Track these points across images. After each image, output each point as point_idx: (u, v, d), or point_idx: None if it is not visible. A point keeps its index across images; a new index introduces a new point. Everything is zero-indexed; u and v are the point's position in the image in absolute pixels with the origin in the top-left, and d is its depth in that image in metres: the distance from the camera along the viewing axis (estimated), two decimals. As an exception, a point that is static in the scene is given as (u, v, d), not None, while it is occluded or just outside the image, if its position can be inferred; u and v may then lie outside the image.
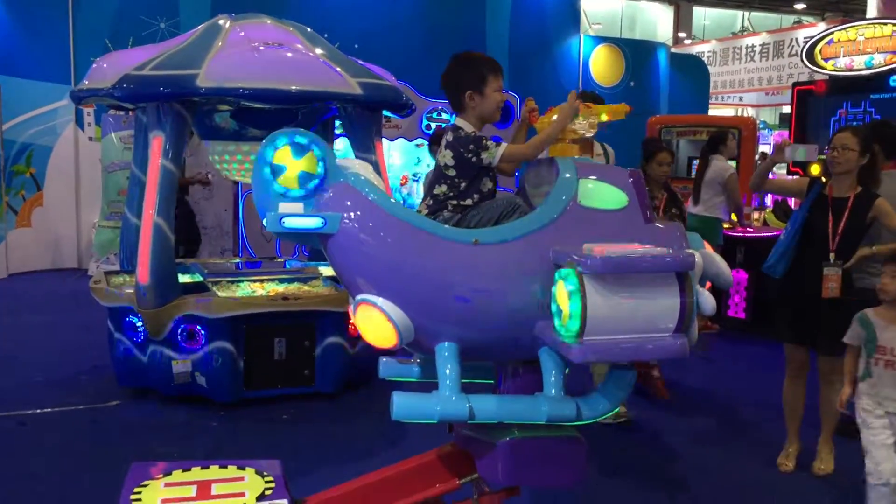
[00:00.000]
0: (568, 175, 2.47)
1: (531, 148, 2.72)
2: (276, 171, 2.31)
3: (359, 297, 2.36)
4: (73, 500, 3.87)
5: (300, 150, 2.32)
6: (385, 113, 5.84)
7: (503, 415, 2.38)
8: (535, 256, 2.31)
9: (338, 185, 2.36)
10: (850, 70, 8.58)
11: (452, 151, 2.72)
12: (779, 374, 4.56)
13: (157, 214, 4.89)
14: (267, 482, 2.78)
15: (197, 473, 2.86)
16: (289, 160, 2.31)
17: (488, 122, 2.80)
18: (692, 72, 15.79)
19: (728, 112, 23.41)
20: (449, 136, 2.76)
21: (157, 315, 4.90)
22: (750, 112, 23.96)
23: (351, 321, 2.49)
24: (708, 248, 2.47)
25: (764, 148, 14.83)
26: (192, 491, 2.71)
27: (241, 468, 2.90)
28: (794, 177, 7.23)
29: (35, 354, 6.36)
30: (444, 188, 2.72)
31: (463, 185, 2.72)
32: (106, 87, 5.03)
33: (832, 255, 4.14)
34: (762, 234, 7.52)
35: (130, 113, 9.69)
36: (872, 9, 9.60)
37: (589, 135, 2.74)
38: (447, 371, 2.34)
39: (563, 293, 2.17)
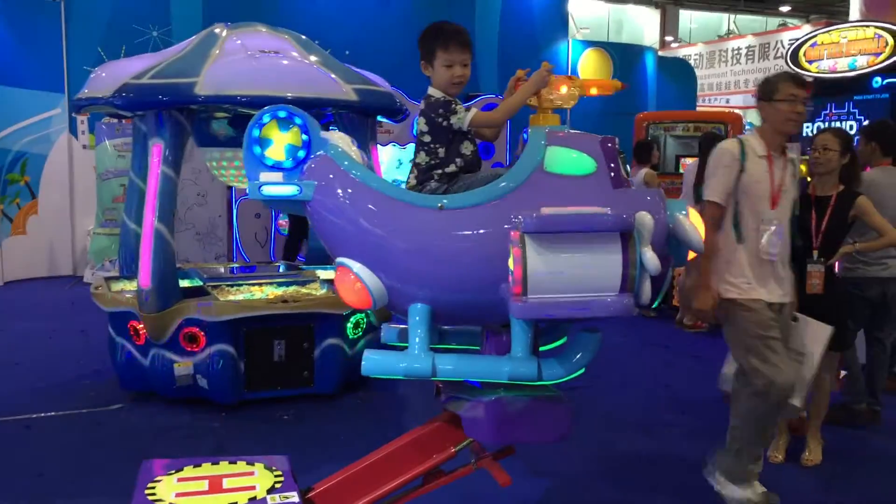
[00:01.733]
0: (536, 142, 2.53)
1: (499, 113, 2.77)
2: (264, 144, 2.49)
3: (337, 260, 2.51)
4: (83, 500, 3.95)
5: (285, 124, 2.51)
6: (378, 118, 5.95)
7: (465, 373, 2.51)
8: (499, 222, 2.37)
9: (318, 156, 2.52)
10: (834, 72, 8.73)
11: (425, 118, 2.78)
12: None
13: (157, 220, 4.98)
14: (276, 476, 2.88)
15: (207, 469, 2.95)
16: (276, 134, 2.50)
17: (450, 95, 2.79)
18: (679, 74, 15.96)
19: (715, 114, 23.61)
20: (422, 104, 2.84)
21: (159, 319, 4.99)
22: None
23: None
24: (693, 215, 2.51)
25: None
26: (204, 485, 2.80)
27: (251, 464, 3.00)
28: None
29: (36, 360, 6.43)
30: (423, 156, 2.78)
31: (441, 150, 2.76)
32: (105, 95, 5.10)
33: (815, 253, 4.26)
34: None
35: (125, 121, 9.82)
36: (855, 11, 9.75)
37: (567, 106, 2.74)
38: (417, 331, 2.47)
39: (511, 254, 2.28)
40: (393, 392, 5.71)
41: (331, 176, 2.50)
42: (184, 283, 5.56)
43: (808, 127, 8.63)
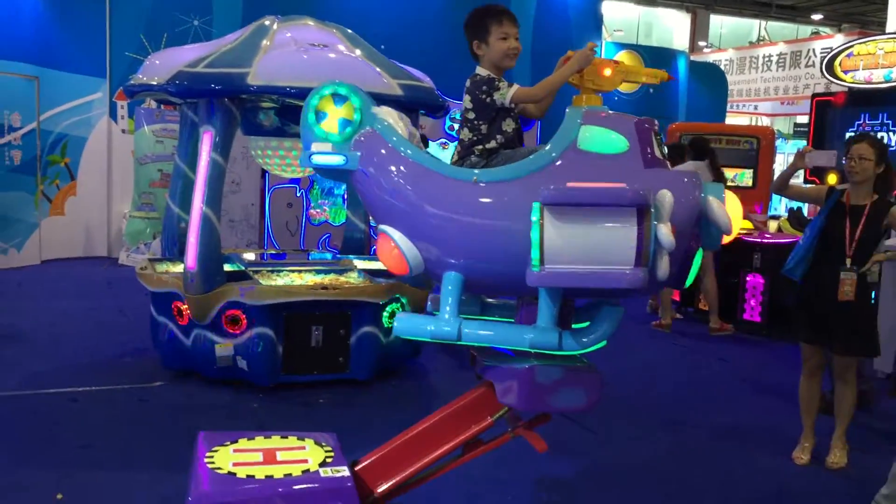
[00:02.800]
0: (571, 121, 2.60)
1: (539, 89, 2.88)
2: (320, 116, 2.67)
3: (379, 227, 2.66)
4: (131, 469, 4.11)
5: (341, 99, 2.67)
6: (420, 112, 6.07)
7: (489, 339, 2.62)
8: (528, 196, 2.44)
9: (368, 130, 2.69)
10: (869, 83, 8.76)
11: (470, 95, 2.93)
12: (793, 374, 4.79)
13: (205, 205, 5.15)
14: (326, 451, 3.02)
15: (261, 442, 3.10)
16: (330, 108, 2.67)
17: (504, 69, 2.95)
18: (710, 80, 15.95)
19: (744, 120, 23.57)
20: (467, 83, 2.97)
21: (203, 300, 5.15)
22: (765, 121, 24.12)
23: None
24: (730, 199, 2.51)
25: (780, 158, 14.98)
26: (259, 457, 2.95)
27: (301, 439, 3.14)
28: (813, 185, 7.43)
29: (76, 337, 6.63)
30: (466, 132, 2.93)
31: (483, 127, 2.90)
32: (159, 82, 5.27)
33: (849, 260, 4.34)
34: (778, 241, 7.73)
35: (164, 107, 10.03)
36: (893, 23, 9.75)
37: (609, 89, 2.80)
38: (448, 298, 2.60)
39: None
40: (425, 380, 5.86)
41: (375, 148, 2.66)
42: (226, 268, 5.72)
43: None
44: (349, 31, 5.86)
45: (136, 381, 5.48)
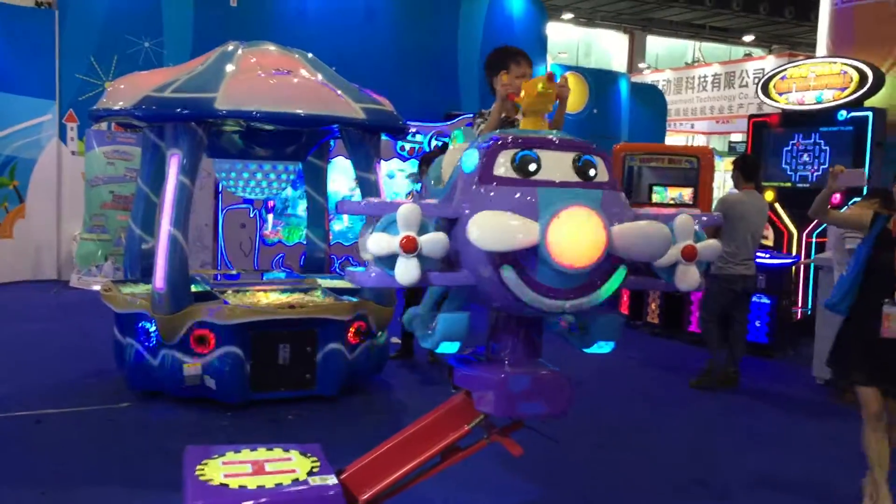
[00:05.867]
0: (466, 147, 2.87)
1: (487, 127, 3.25)
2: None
3: None
4: (108, 486, 4.16)
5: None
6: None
7: (411, 327, 2.95)
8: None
9: None
10: (802, 104, 9.22)
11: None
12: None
13: (173, 226, 5.24)
14: (312, 462, 3.17)
15: (247, 455, 3.23)
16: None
17: (511, 101, 3.24)
18: (651, 100, 16.47)
19: (680, 139, 24.31)
20: None
21: (172, 321, 5.22)
22: (701, 139, 24.91)
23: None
24: (571, 226, 2.43)
25: (718, 176, 15.48)
26: (248, 468, 3.08)
27: (286, 450, 3.28)
28: (854, 211, 6.82)
29: (37, 360, 6.59)
30: None
31: None
32: (124, 106, 5.35)
33: None
34: (721, 255, 8.06)
35: (115, 129, 10.03)
36: (822, 47, 10.27)
37: (539, 107, 2.88)
38: (429, 291, 2.90)
39: None
40: (389, 394, 6.01)
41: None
42: (192, 288, 5.79)
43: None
44: (310, 55, 6.01)
45: (102, 402, 5.51)
